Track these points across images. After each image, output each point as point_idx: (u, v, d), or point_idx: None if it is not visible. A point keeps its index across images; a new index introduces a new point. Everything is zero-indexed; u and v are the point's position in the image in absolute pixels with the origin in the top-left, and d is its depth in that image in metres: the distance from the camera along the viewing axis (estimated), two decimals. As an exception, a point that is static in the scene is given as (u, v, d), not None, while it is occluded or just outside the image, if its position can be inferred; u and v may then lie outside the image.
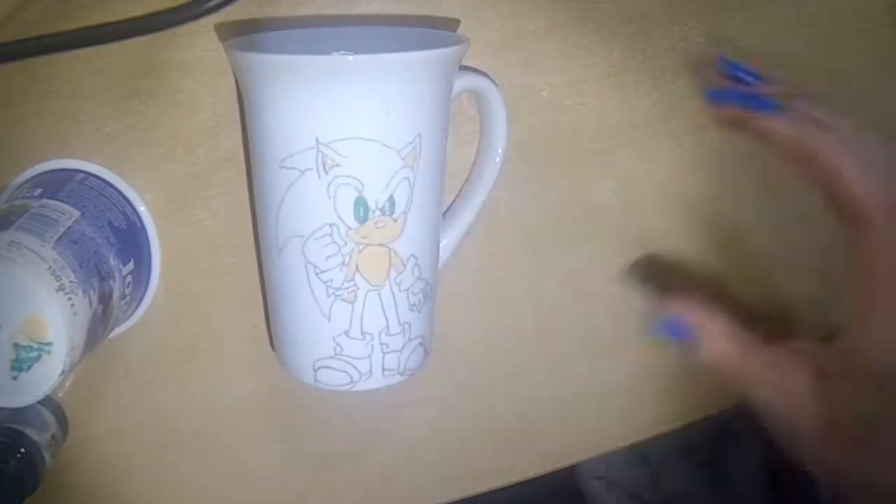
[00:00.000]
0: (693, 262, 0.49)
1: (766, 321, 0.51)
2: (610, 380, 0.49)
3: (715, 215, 0.49)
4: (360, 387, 0.40)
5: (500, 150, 0.43)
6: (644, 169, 0.47)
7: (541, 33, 0.44)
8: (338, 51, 0.41)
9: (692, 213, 0.48)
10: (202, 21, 0.40)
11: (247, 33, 0.41)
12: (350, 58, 0.36)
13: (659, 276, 0.48)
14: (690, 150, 0.47)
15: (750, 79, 0.41)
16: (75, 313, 0.34)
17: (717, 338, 0.40)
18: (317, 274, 0.38)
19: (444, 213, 0.44)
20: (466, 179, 0.45)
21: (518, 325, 0.48)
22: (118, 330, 0.43)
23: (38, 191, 0.39)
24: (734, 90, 0.39)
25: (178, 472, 0.47)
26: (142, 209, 0.43)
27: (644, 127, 0.47)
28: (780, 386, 0.38)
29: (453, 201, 0.45)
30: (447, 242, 0.44)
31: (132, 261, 0.41)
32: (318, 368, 0.40)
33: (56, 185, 0.40)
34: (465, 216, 0.44)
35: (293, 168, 0.37)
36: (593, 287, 0.48)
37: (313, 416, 0.48)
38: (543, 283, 0.48)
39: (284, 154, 0.37)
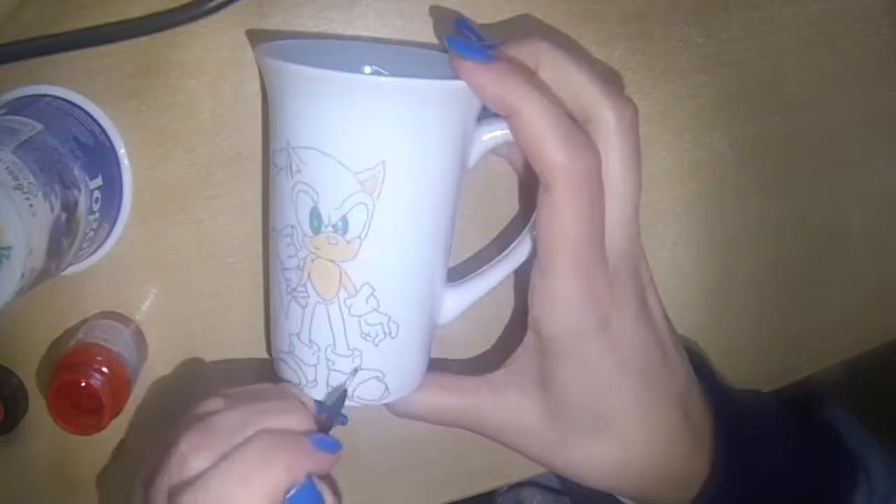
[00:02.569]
0: (693, 263, 0.49)
1: (762, 321, 0.51)
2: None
3: (715, 215, 0.48)
4: (308, 391, 0.40)
5: None
6: (644, 169, 0.47)
7: (550, 32, 0.44)
8: (367, 66, 0.41)
9: (692, 213, 0.48)
10: (202, 21, 0.40)
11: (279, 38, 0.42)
12: (307, 69, 0.35)
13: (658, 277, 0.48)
14: (690, 150, 0.47)
15: (471, 34, 0.40)
16: (34, 214, 0.34)
17: (435, 393, 0.42)
18: (282, 270, 0.39)
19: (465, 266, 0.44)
20: (508, 249, 0.42)
21: (518, 324, 0.48)
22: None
23: (3, 110, 0.39)
24: (447, 37, 0.37)
25: (178, 471, 0.47)
26: (113, 132, 0.43)
27: (644, 127, 0.46)
28: (507, 403, 0.41)
29: (488, 264, 0.43)
30: (457, 301, 0.42)
31: (100, 177, 0.40)
32: (278, 360, 0.41)
33: (22, 105, 0.40)
34: (486, 282, 0.42)
35: (275, 164, 0.38)
36: (593, 287, 0.48)
37: (313, 416, 0.48)
38: (543, 283, 0.48)
39: (272, 149, 0.39)
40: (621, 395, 0.40)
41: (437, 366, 0.44)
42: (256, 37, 0.43)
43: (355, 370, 0.39)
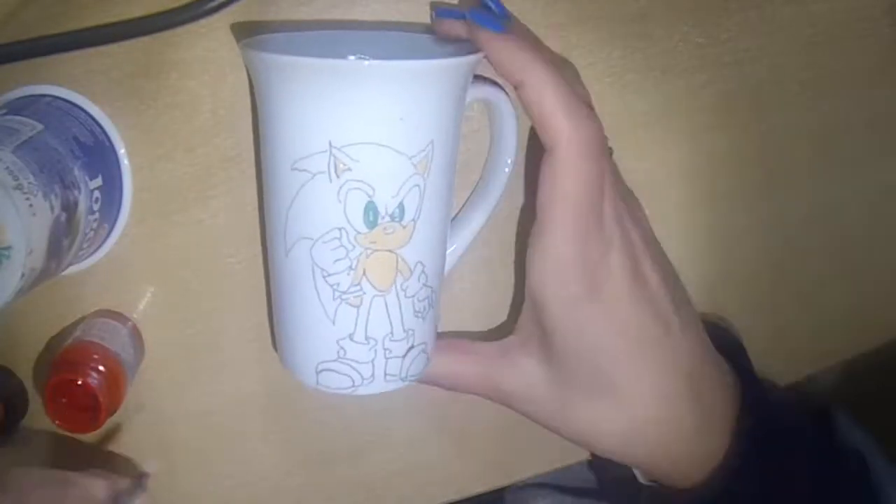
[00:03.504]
0: (692, 263, 0.49)
1: (763, 322, 0.51)
2: (610, 380, 0.49)
3: (715, 215, 0.49)
4: (361, 391, 0.40)
5: (509, 161, 0.43)
6: (644, 169, 0.47)
7: (541, 33, 0.44)
8: (353, 54, 0.41)
9: (692, 213, 0.48)
10: (202, 21, 0.40)
11: (259, 33, 0.41)
12: (366, 63, 0.36)
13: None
14: (690, 151, 0.47)
15: (493, 5, 0.41)
16: (34, 214, 0.34)
17: (451, 359, 0.43)
18: (324, 277, 0.38)
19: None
20: (474, 189, 0.45)
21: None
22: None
23: (3, 111, 0.39)
24: (468, 9, 0.40)
25: (177, 472, 0.47)
26: (112, 132, 0.43)
27: (644, 127, 0.47)
28: (517, 369, 0.42)
29: (461, 209, 0.45)
30: (454, 249, 0.44)
31: (100, 177, 0.40)
32: (321, 371, 0.40)
33: (22, 105, 0.40)
34: (473, 225, 0.44)
35: (304, 170, 0.37)
36: (593, 287, 0.48)
37: (313, 417, 0.48)
38: (543, 283, 0.48)
39: (297, 156, 0.37)
40: (619, 363, 0.40)
41: (451, 335, 0.44)
42: (238, 35, 0.42)
43: (409, 349, 0.40)
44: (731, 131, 0.48)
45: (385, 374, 0.40)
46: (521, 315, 0.43)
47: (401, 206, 0.37)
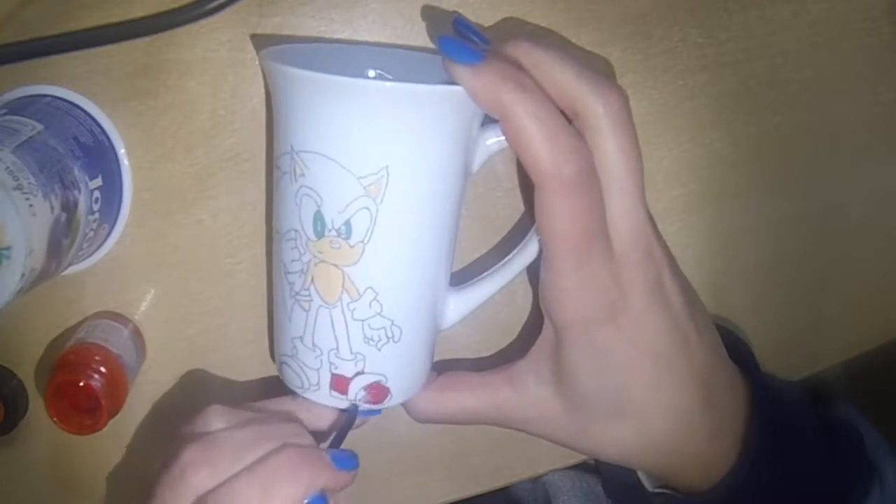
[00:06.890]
0: (693, 263, 0.49)
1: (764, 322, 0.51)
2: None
3: (715, 215, 0.48)
4: (309, 395, 0.41)
5: None
6: (644, 169, 0.47)
7: (541, 33, 0.44)
8: (354, 69, 0.41)
9: (692, 213, 0.48)
10: (202, 21, 0.40)
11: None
12: (310, 74, 0.35)
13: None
14: (690, 151, 0.47)
15: (475, 38, 0.39)
16: (34, 214, 0.34)
17: (458, 394, 0.43)
18: (285, 273, 0.39)
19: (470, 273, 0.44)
20: (511, 254, 0.42)
21: (518, 324, 0.48)
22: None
23: (3, 111, 0.39)
24: (439, 37, 0.37)
25: (178, 472, 0.47)
26: (112, 132, 0.43)
27: (644, 127, 0.46)
28: (527, 396, 0.42)
29: (488, 269, 0.43)
30: (459, 305, 0.42)
31: (100, 177, 0.40)
32: (281, 363, 0.41)
33: (22, 105, 0.40)
34: (490, 286, 0.42)
35: (279, 167, 0.38)
36: (593, 287, 0.48)
37: (313, 417, 0.48)
38: (543, 283, 0.48)
39: (276, 153, 0.39)
40: (638, 380, 0.40)
41: (452, 366, 0.44)
42: (260, 41, 0.43)
43: (357, 373, 0.40)
44: (731, 131, 0.48)
45: (330, 388, 0.40)
46: (538, 341, 0.42)
47: (347, 224, 0.37)
